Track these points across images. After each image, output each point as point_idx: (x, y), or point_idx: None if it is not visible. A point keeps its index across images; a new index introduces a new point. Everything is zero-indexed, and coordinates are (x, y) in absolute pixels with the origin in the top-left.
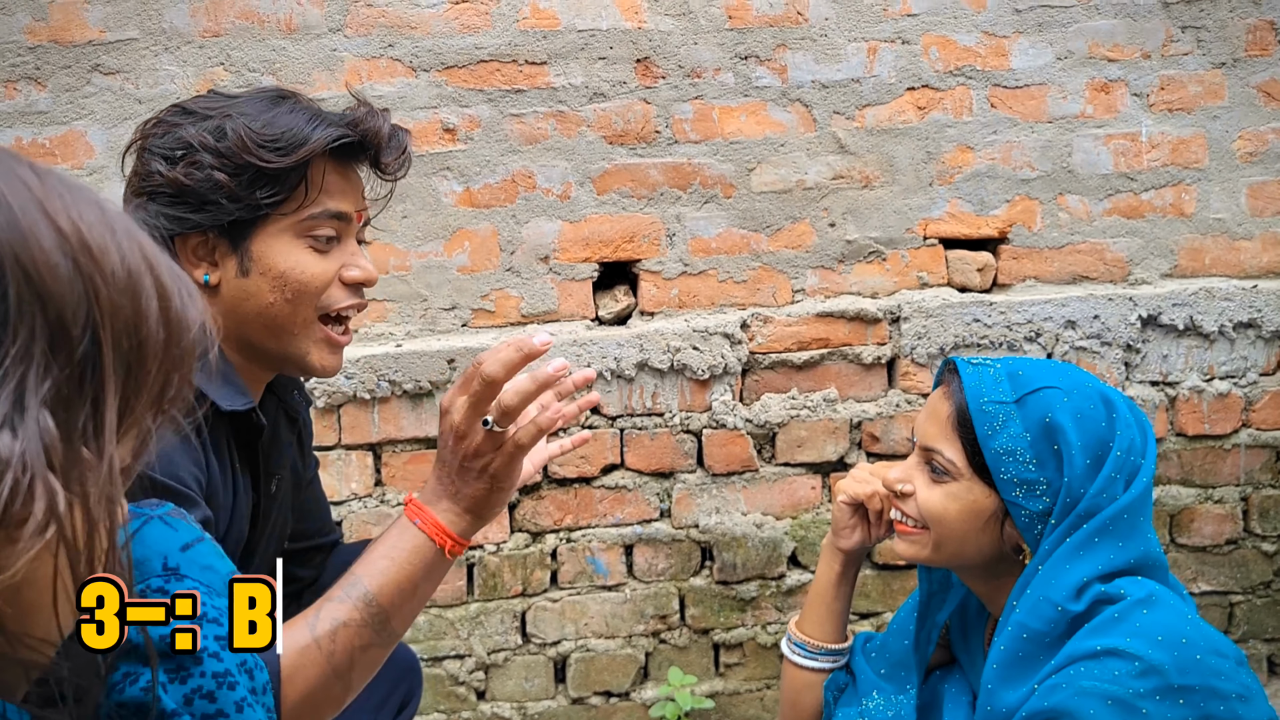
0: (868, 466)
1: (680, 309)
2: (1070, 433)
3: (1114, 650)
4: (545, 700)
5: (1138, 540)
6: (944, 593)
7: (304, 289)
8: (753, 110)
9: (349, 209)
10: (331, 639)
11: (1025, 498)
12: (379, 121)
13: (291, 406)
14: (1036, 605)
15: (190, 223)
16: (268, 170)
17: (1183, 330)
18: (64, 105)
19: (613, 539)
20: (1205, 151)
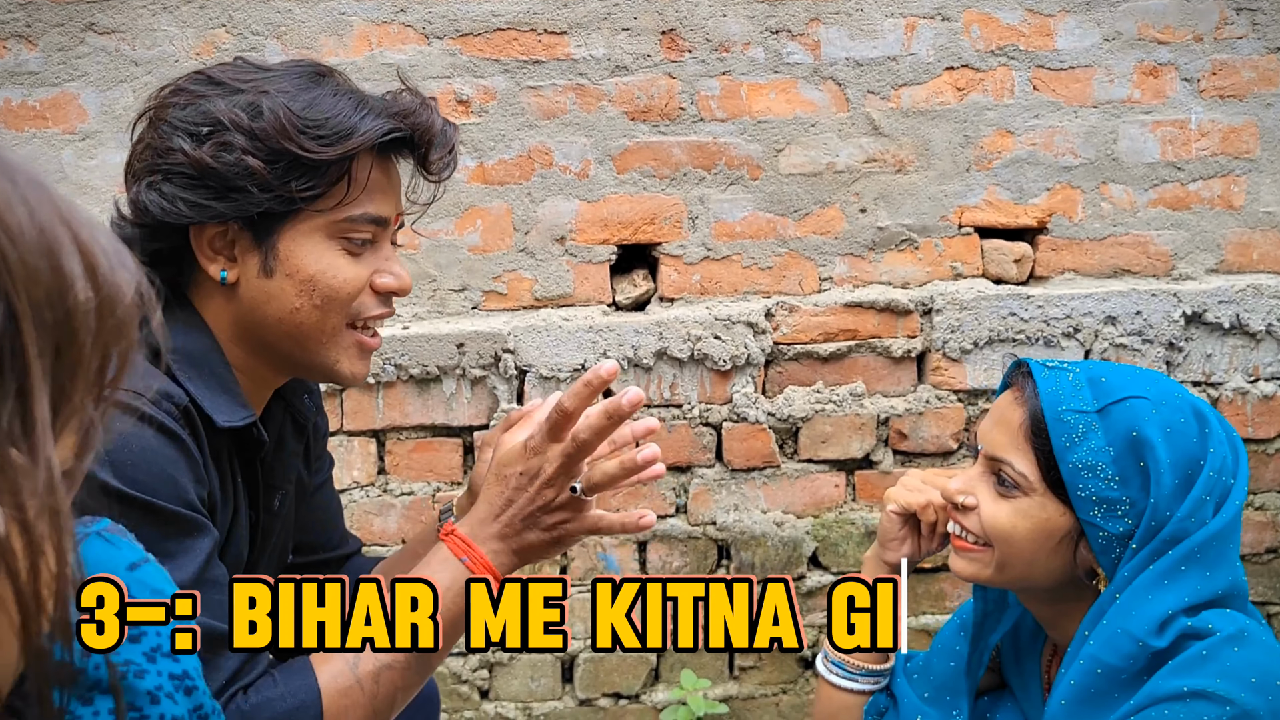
0: (919, 474)
1: (702, 295)
2: (1159, 448)
3: (1202, 692)
4: (552, 701)
5: (1225, 569)
6: (999, 612)
7: (334, 295)
8: (783, 88)
9: (389, 213)
10: (375, 681)
11: (1104, 518)
12: (430, 115)
13: (300, 412)
14: (1113, 638)
15: (212, 211)
16: (307, 160)
17: (1228, 329)
18: (56, 65)
19: (626, 535)
20: (1257, 141)
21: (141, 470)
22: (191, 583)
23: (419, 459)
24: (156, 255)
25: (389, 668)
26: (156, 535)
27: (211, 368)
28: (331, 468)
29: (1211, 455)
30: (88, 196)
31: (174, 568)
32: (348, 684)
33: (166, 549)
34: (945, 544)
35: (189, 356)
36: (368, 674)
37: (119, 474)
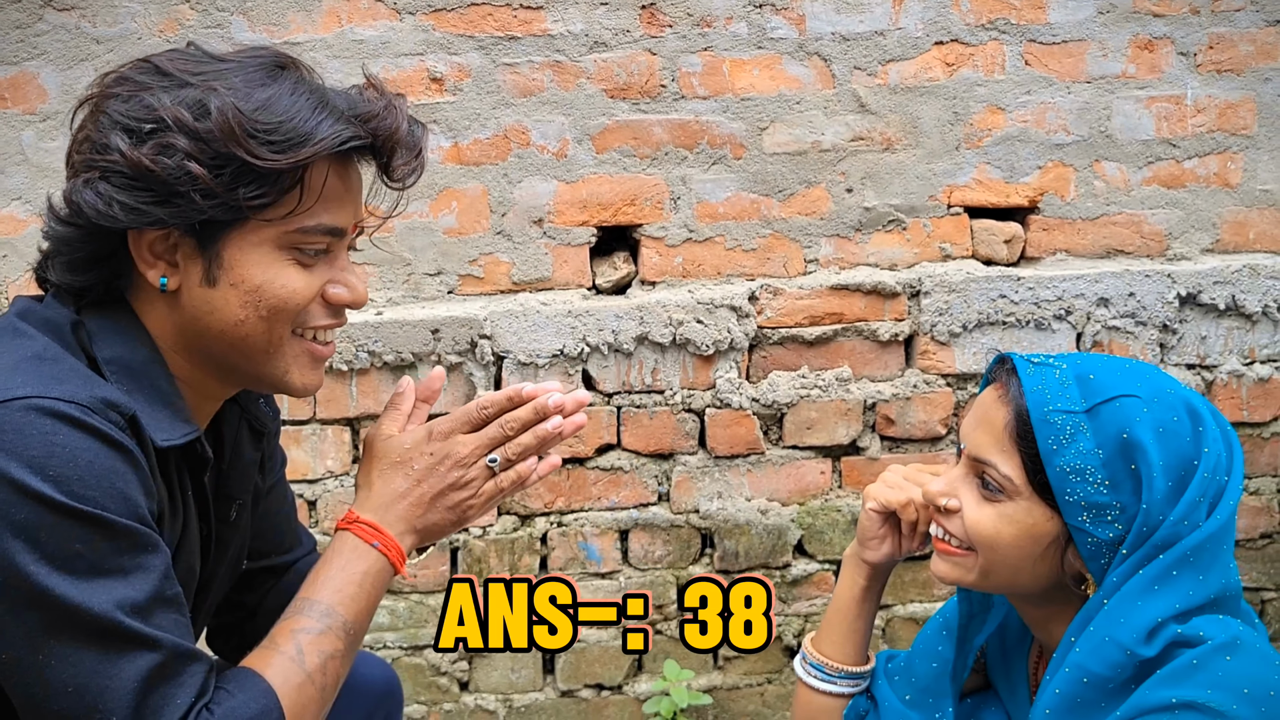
0: (901, 470)
1: (684, 279)
2: (1151, 451)
3: (1191, 704)
4: (533, 693)
5: (1219, 571)
6: (984, 614)
7: (281, 307)
8: (766, 64)
9: (346, 223)
10: (323, 673)
11: (1093, 524)
12: (396, 119)
13: (258, 419)
14: (1100, 646)
15: (150, 216)
16: (256, 167)
17: (1223, 310)
18: (14, 44)
19: (607, 523)
20: (1254, 117)
21: (90, 485)
22: (149, 601)
23: None
24: (93, 257)
25: (332, 657)
26: (108, 551)
27: (152, 380)
28: (284, 466)
29: (1206, 455)
30: (50, 179)
31: (130, 585)
32: (300, 680)
33: (120, 565)
34: (927, 543)
35: (127, 368)
36: (316, 667)
37: (64, 489)
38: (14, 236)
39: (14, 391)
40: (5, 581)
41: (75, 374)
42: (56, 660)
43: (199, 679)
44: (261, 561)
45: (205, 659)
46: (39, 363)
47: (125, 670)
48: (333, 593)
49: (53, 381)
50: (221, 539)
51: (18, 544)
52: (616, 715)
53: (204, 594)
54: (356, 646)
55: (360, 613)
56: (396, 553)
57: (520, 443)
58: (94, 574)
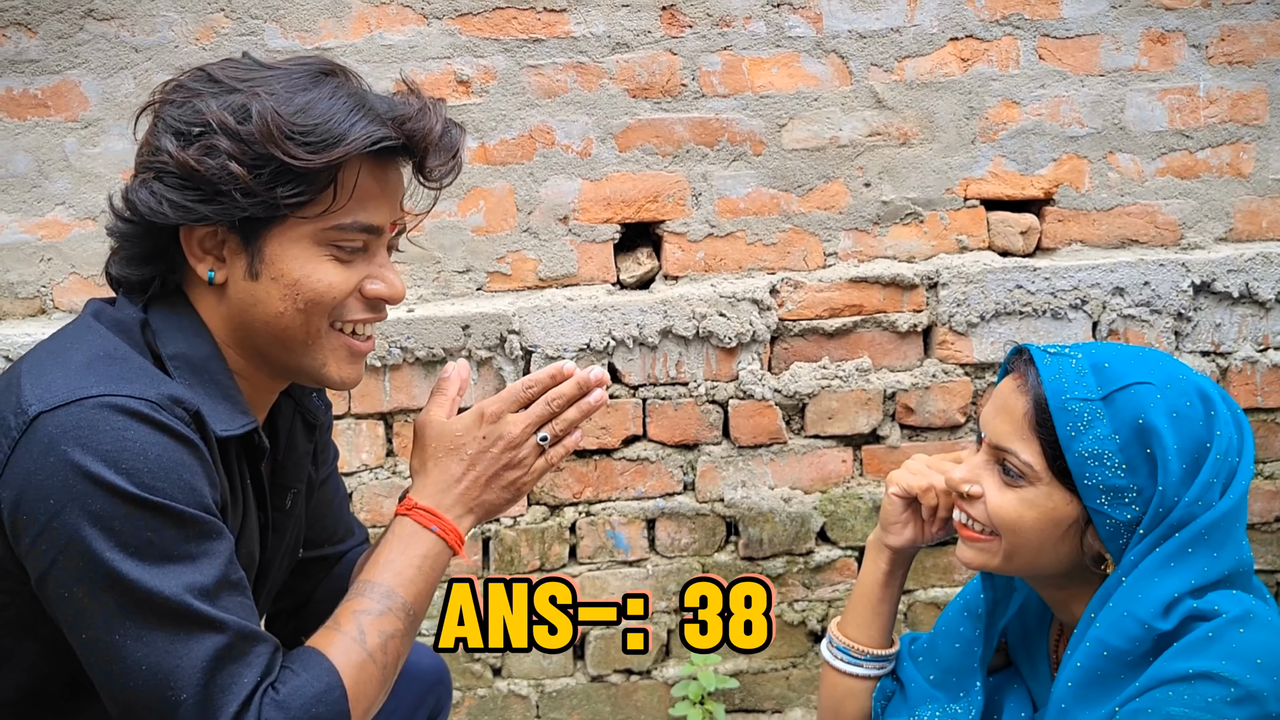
0: (924, 458)
1: (706, 273)
2: (1166, 435)
3: (1207, 674)
4: (564, 678)
5: (1232, 549)
6: (1007, 599)
7: (318, 300)
8: (785, 62)
9: (382, 221)
10: (384, 652)
11: (1111, 506)
12: (429, 121)
13: (310, 412)
14: (1119, 621)
15: (196, 214)
16: (293, 167)
17: (1237, 298)
18: (56, 53)
19: (634, 512)
20: (1266, 107)
21: (159, 476)
22: (216, 585)
23: None
24: (150, 252)
25: (393, 637)
26: (177, 539)
27: (212, 375)
28: (336, 459)
29: (1218, 438)
30: (91, 184)
31: (198, 570)
32: (361, 659)
33: (189, 551)
34: (949, 529)
35: (189, 364)
36: (377, 646)
37: (136, 481)
38: (58, 240)
39: (88, 390)
40: (83, 567)
41: (143, 372)
42: (131, 641)
43: (264, 659)
44: (315, 551)
45: (270, 640)
46: (110, 362)
47: (194, 651)
48: (393, 575)
49: (123, 380)
50: (278, 526)
51: (94, 532)
52: (645, 700)
53: (264, 579)
54: (416, 627)
55: (419, 595)
56: (454, 535)
57: (566, 418)
58: (164, 560)
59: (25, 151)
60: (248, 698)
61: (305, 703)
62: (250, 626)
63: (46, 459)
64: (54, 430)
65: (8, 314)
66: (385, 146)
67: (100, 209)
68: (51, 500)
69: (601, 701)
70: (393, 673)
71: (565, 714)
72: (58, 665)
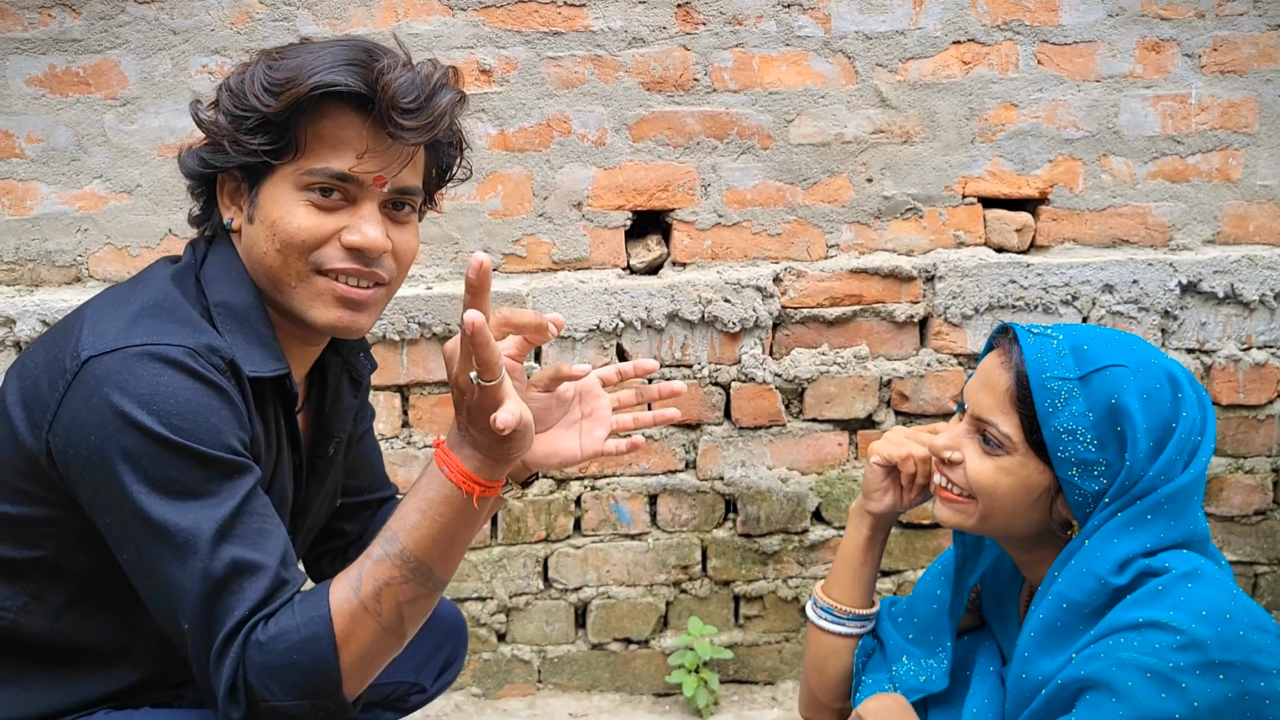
0: (903, 430)
1: (713, 260)
2: (1136, 415)
3: (1156, 623)
4: (565, 645)
5: (1188, 519)
6: (977, 556)
7: (289, 240)
8: (794, 60)
9: (344, 166)
10: (377, 600)
11: (1081, 478)
12: (395, 75)
13: (356, 369)
14: (1079, 577)
15: (208, 164)
16: (265, 115)
17: (1222, 298)
18: (98, 33)
19: (637, 488)
20: (1256, 116)
21: (187, 419)
22: (231, 516)
23: (441, 412)
24: (205, 201)
25: (387, 585)
26: (201, 477)
27: (251, 323)
28: (373, 419)
29: (1183, 419)
30: (128, 159)
31: (215, 504)
32: (353, 607)
33: (210, 489)
34: (925, 496)
35: (232, 312)
36: (370, 594)
37: (165, 422)
38: (95, 212)
39: (132, 340)
40: (116, 497)
41: (188, 322)
42: (152, 566)
43: (260, 591)
44: (357, 498)
45: (271, 572)
46: (158, 312)
47: (196, 583)
48: (400, 519)
49: (166, 330)
50: (317, 471)
51: (124, 466)
52: (643, 667)
53: (301, 518)
54: (425, 576)
55: (421, 539)
56: (461, 474)
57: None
58: (184, 496)
59: (66, 126)
60: (235, 627)
61: (287, 648)
62: (251, 558)
63: (91, 399)
64: (100, 373)
65: (45, 281)
66: (342, 92)
67: (135, 183)
68: (93, 436)
69: (601, 668)
70: (395, 620)
71: (566, 679)
72: (104, 574)
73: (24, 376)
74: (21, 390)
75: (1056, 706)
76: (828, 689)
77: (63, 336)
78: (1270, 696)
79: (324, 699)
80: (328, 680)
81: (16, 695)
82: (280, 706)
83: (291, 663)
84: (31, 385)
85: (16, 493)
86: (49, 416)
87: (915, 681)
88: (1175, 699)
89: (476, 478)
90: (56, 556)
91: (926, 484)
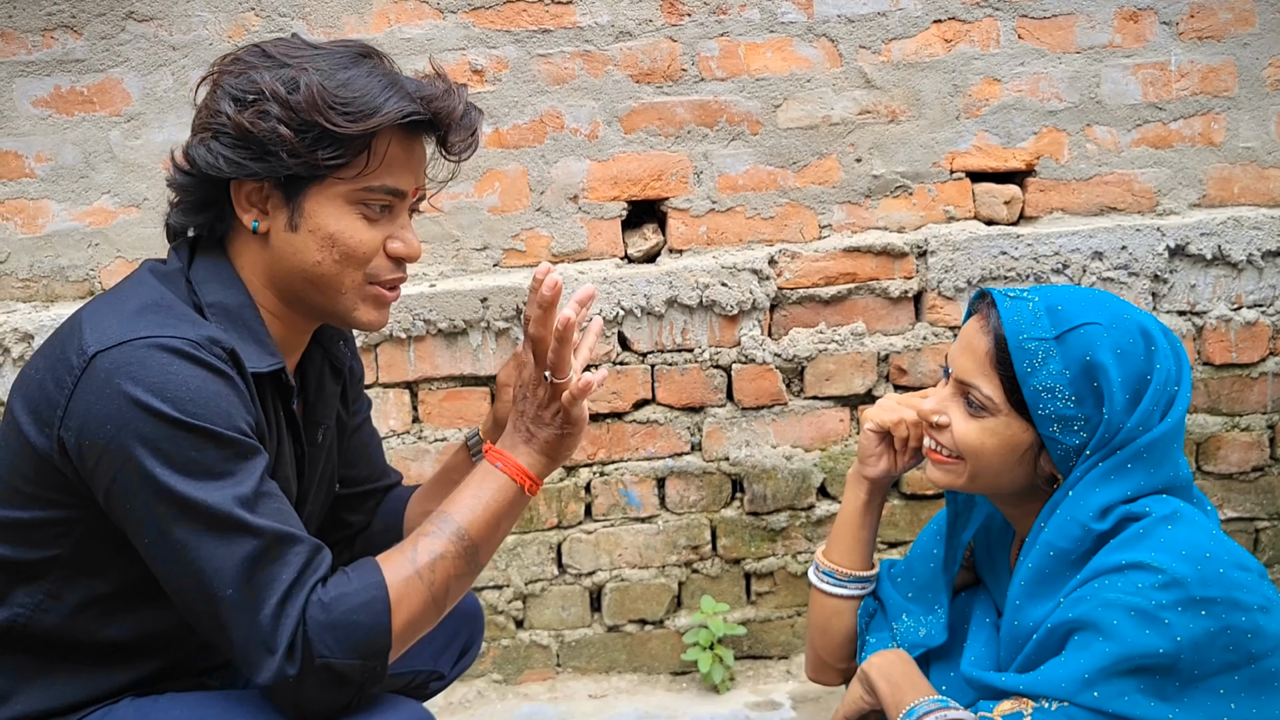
0: (895, 396)
1: (709, 246)
2: (1111, 370)
3: (1138, 564)
4: (582, 629)
5: (1168, 466)
6: (968, 512)
7: (351, 254)
8: (778, 46)
9: (407, 186)
10: (431, 570)
11: (1062, 433)
12: (454, 101)
13: (337, 358)
14: (1064, 525)
15: (247, 169)
16: (333, 133)
17: (1210, 260)
18: (100, 53)
19: (645, 472)
20: (1235, 79)
21: (200, 404)
22: (253, 495)
23: (449, 407)
24: (202, 202)
25: (442, 558)
26: (219, 457)
27: (245, 320)
28: (369, 409)
29: (1158, 371)
30: (135, 174)
31: (237, 484)
32: (408, 574)
33: (229, 469)
34: (918, 459)
35: (225, 310)
36: (425, 565)
37: (179, 408)
38: (105, 226)
39: (138, 332)
40: (139, 483)
41: (186, 318)
42: (182, 545)
43: (301, 558)
44: (358, 488)
45: (308, 541)
46: (157, 309)
47: (235, 552)
48: (456, 506)
49: (168, 324)
50: (312, 459)
51: (145, 452)
52: (659, 647)
53: (301, 507)
54: (473, 557)
55: (476, 522)
56: (516, 469)
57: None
58: (208, 475)
59: (73, 145)
60: (288, 590)
61: (348, 609)
62: (285, 529)
63: (103, 391)
64: (109, 366)
65: (59, 296)
66: (414, 120)
67: (143, 197)
68: (109, 426)
69: (618, 650)
70: (442, 593)
71: (584, 662)
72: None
73: (27, 385)
74: (26, 397)
75: (1047, 649)
76: (832, 650)
77: (62, 341)
78: (1252, 630)
79: (373, 660)
80: (381, 642)
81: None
82: (334, 664)
83: (351, 622)
84: (36, 389)
85: (28, 498)
86: (59, 413)
87: (916, 637)
88: (1159, 635)
89: (529, 473)
90: (71, 555)
91: (919, 447)
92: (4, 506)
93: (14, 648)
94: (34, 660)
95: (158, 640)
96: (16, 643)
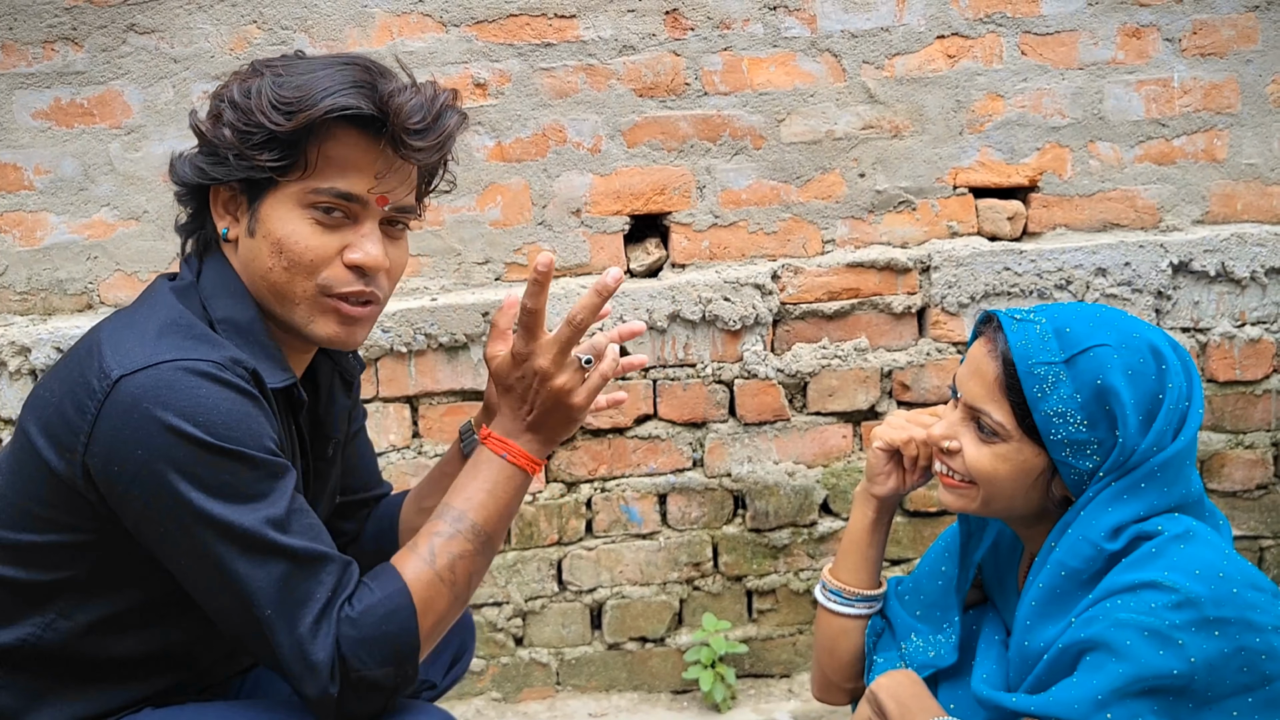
0: (904, 414)
1: (711, 260)
2: (1123, 393)
3: (1151, 583)
4: (582, 646)
5: (1181, 484)
6: (981, 533)
7: (297, 260)
8: (782, 61)
9: (359, 189)
10: (452, 570)
11: (1075, 457)
12: (405, 97)
13: (347, 370)
14: (1076, 544)
15: (208, 175)
16: (274, 133)
17: (1214, 276)
18: (101, 65)
19: (646, 488)
20: (1238, 96)
21: (230, 427)
22: (286, 515)
23: (450, 422)
24: (194, 211)
25: (460, 557)
26: (252, 478)
27: (255, 336)
28: (364, 418)
29: (1170, 390)
30: (134, 187)
31: (270, 505)
32: (430, 578)
33: (261, 490)
34: (927, 478)
35: (236, 327)
36: (445, 566)
37: (211, 431)
38: (104, 239)
39: (163, 356)
40: (173, 508)
41: (207, 338)
42: (219, 566)
43: (335, 575)
44: (354, 496)
45: (339, 559)
46: (178, 329)
47: (271, 573)
48: (465, 499)
49: (192, 346)
50: (320, 473)
51: (178, 477)
52: (660, 665)
53: None
54: (489, 547)
55: (489, 516)
56: (524, 458)
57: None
58: (241, 498)
59: (73, 157)
60: (322, 609)
61: (377, 620)
62: (318, 548)
63: (131, 416)
64: (136, 391)
65: (58, 309)
66: (353, 114)
67: (143, 210)
68: (139, 451)
69: (618, 668)
70: (464, 590)
71: (584, 680)
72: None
73: (43, 407)
74: (42, 419)
75: (1059, 670)
76: (839, 670)
77: (79, 362)
78: (1266, 651)
79: (405, 665)
80: (411, 647)
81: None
82: (370, 675)
83: (381, 633)
84: (54, 413)
85: (44, 521)
86: (82, 439)
87: (925, 657)
88: (1173, 655)
89: (533, 458)
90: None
91: (928, 465)
92: (17, 530)
93: (25, 666)
94: (46, 678)
95: (171, 656)
96: (27, 661)
